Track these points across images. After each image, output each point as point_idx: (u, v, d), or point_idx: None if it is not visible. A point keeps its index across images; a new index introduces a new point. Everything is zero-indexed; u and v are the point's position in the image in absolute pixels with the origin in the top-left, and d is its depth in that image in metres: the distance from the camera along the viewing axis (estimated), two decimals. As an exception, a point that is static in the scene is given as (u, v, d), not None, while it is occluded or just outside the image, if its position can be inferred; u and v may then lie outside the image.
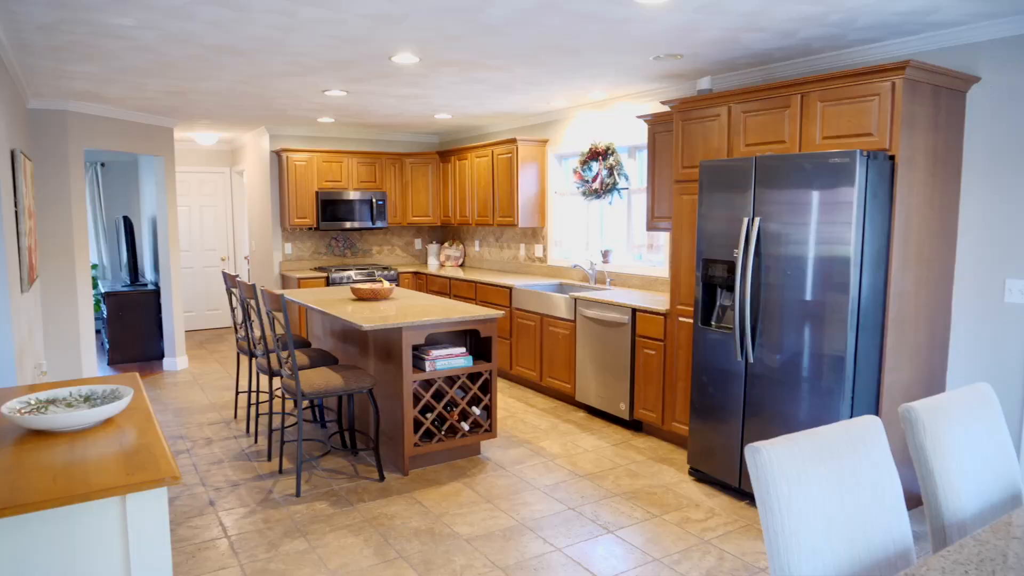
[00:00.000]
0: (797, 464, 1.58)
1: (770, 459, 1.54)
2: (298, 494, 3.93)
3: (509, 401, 5.87)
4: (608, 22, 3.56)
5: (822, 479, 1.62)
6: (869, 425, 1.77)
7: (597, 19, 3.51)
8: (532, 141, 6.77)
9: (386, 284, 5.01)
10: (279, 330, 8.16)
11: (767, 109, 3.87)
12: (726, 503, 3.83)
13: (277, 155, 7.77)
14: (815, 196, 3.39)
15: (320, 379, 4.00)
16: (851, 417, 3.33)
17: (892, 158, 3.34)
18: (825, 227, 3.36)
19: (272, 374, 4.40)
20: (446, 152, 7.95)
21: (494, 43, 3.99)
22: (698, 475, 4.17)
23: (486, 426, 4.49)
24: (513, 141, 6.70)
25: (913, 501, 3.70)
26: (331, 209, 7.66)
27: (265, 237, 8.15)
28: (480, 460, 4.48)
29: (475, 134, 8.14)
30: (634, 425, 5.12)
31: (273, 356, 4.54)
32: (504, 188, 6.92)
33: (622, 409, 5.05)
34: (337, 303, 4.76)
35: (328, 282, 7.42)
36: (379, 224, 7.93)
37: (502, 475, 4.23)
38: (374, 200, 7.86)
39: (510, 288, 6.27)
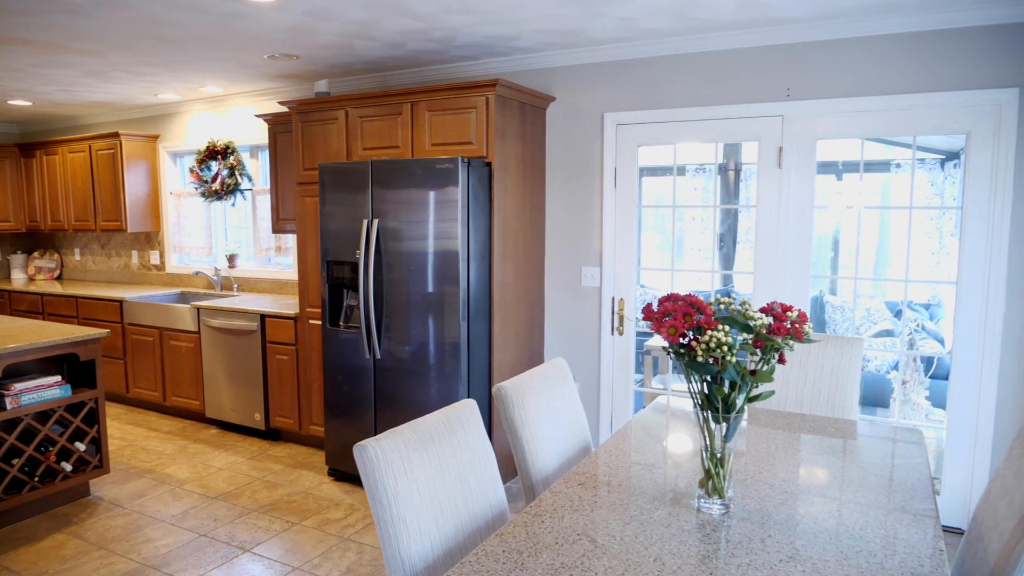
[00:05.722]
0: (402, 455, 1.69)
1: (376, 454, 1.62)
2: None
3: (127, 428, 5.22)
4: (214, 15, 3.37)
5: (426, 464, 1.76)
6: (465, 408, 1.98)
7: (201, 11, 3.29)
8: (140, 136, 6.09)
9: (-55, 307, 4.06)
10: None
11: (382, 115, 4.05)
12: (364, 497, 3.93)
13: None
14: (427, 197, 3.65)
15: None
16: (468, 396, 3.68)
17: (489, 164, 3.76)
18: (437, 225, 3.64)
19: None
20: (29, 145, 6.70)
21: (78, 24, 3.49)
22: (337, 474, 4.21)
23: (95, 462, 3.94)
24: (116, 135, 5.94)
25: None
26: None
27: None
28: (91, 501, 3.91)
29: (68, 125, 7.02)
30: (272, 434, 4.96)
31: None
32: (108, 188, 6.10)
33: (257, 419, 4.85)
34: None
35: None
36: (-64, 232, 6.38)
37: (118, 514, 3.75)
38: (-74, 202, 6.29)
39: (120, 301, 5.56)
